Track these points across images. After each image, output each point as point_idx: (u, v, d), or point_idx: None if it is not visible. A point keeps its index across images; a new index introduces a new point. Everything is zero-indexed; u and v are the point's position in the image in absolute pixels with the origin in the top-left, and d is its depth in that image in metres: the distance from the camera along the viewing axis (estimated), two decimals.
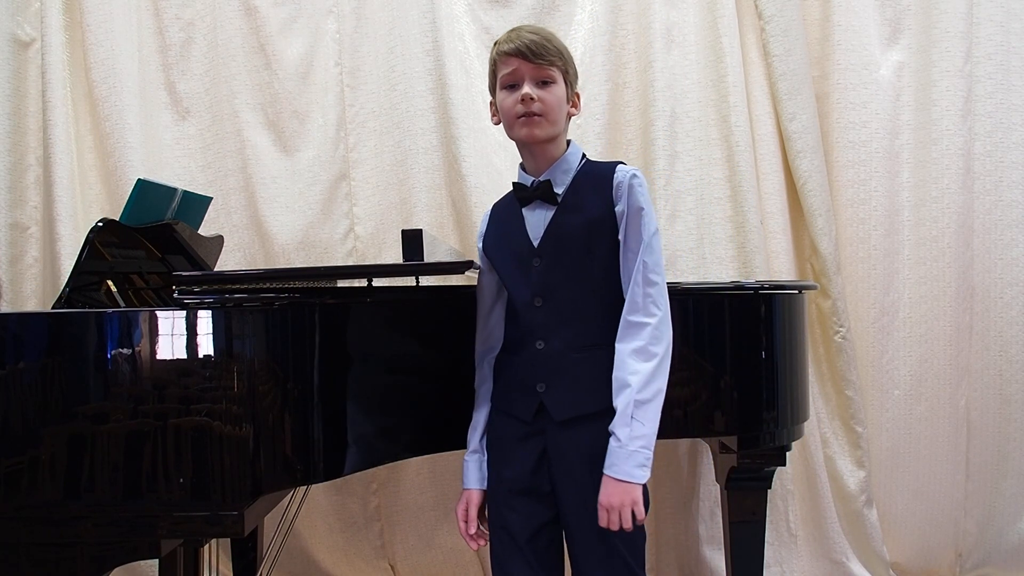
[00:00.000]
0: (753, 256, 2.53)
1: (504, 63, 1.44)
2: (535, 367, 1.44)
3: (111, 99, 2.52)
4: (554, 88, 1.43)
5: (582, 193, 1.45)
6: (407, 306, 1.63)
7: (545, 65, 1.41)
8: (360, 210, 2.64)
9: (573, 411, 1.42)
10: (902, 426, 2.63)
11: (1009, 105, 2.61)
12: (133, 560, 1.38)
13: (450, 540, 2.64)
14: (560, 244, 1.44)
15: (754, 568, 1.94)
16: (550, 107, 1.42)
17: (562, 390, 1.42)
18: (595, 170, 1.48)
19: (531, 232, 1.47)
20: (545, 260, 1.44)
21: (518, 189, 1.50)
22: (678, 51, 2.61)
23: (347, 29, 2.64)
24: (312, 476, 1.43)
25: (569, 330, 1.43)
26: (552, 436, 1.44)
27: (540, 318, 1.44)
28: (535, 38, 1.41)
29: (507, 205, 1.55)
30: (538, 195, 1.46)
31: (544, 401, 1.43)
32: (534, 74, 1.42)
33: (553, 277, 1.44)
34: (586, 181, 1.46)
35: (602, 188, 1.44)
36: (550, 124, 1.43)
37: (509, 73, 1.43)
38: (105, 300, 1.66)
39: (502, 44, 1.44)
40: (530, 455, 1.45)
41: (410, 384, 1.58)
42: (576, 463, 1.41)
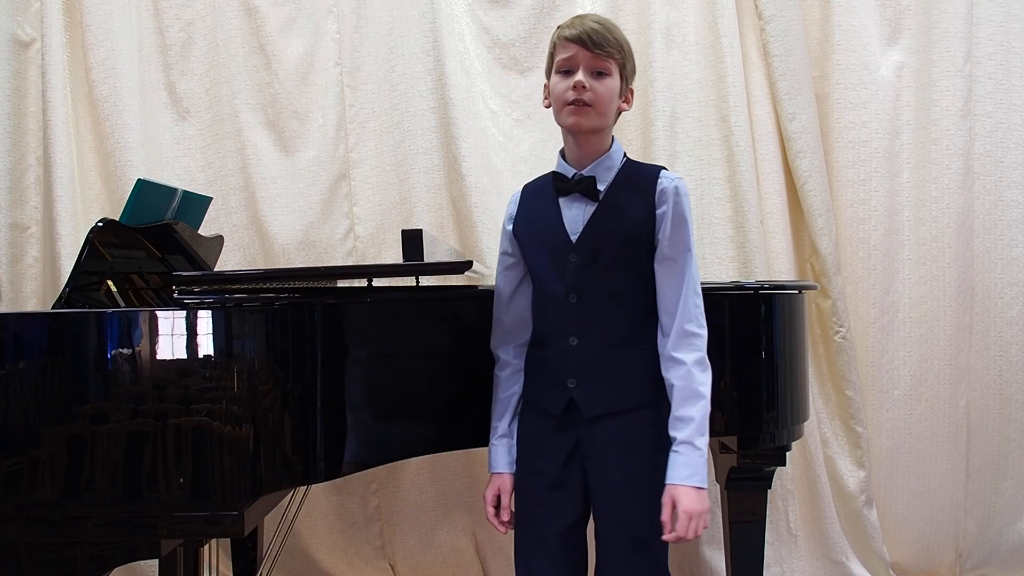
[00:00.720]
0: (753, 256, 2.53)
1: (563, 48, 1.42)
2: (567, 363, 1.44)
3: (111, 99, 2.52)
4: (608, 80, 1.41)
5: (624, 193, 1.44)
6: (407, 306, 1.63)
7: (603, 56, 1.40)
8: (360, 210, 2.64)
9: (603, 408, 1.42)
10: (902, 426, 2.63)
11: (1009, 105, 2.61)
12: (133, 560, 1.38)
13: (450, 540, 2.64)
14: (599, 242, 1.43)
15: (754, 568, 1.93)
16: (601, 98, 1.40)
17: (593, 386, 1.42)
18: (638, 171, 1.47)
19: (568, 226, 1.45)
20: (583, 256, 1.43)
21: (558, 179, 1.47)
22: (678, 51, 2.61)
23: (347, 29, 2.64)
24: (312, 476, 1.43)
25: (603, 328, 1.43)
26: (584, 429, 1.45)
27: (574, 314, 1.44)
28: (598, 27, 1.41)
29: (539, 191, 1.52)
30: (579, 189, 1.44)
31: (574, 397, 1.43)
32: (590, 63, 1.40)
33: (590, 274, 1.43)
34: (628, 181, 1.45)
35: (645, 191, 1.43)
36: (598, 116, 1.41)
37: (566, 59, 1.42)
38: (105, 300, 1.66)
39: (564, 29, 1.44)
40: (562, 448, 1.46)
41: (410, 384, 1.58)
42: (610, 455, 1.42)
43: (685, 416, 1.38)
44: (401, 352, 1.57)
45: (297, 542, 2.55)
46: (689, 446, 1.37)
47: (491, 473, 1.54)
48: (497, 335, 1.56)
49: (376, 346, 1.54)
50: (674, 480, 1.37)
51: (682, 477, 1.36)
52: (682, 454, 1.37)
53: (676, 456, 1.38)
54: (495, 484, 1.53)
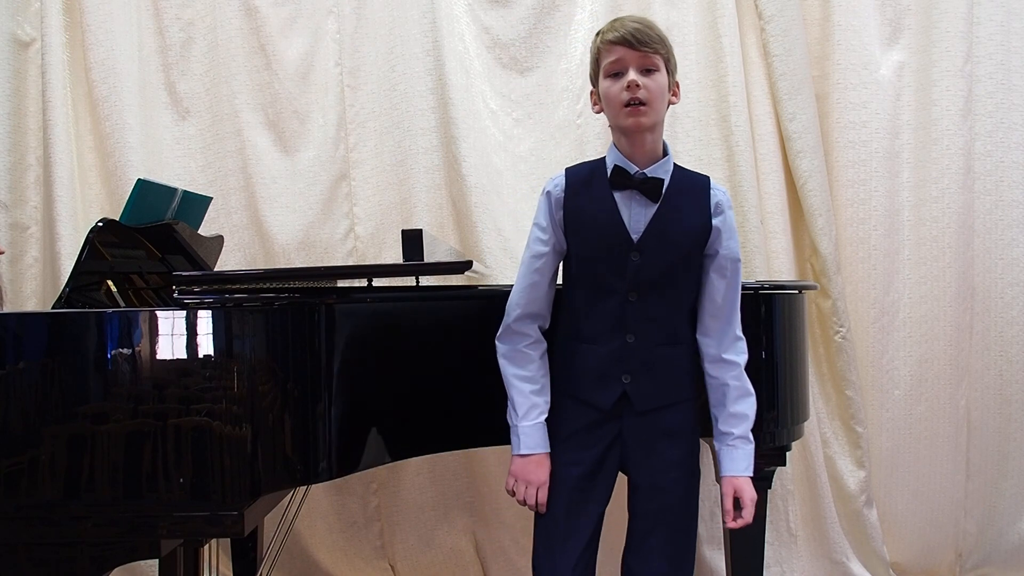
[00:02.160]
0: (753, 256, 2.53)
1: (608, 51, 1.44)
2: (623, 359, 1.46)
3: (111, 99, 2.53)
4: (657, 76, 1.43)
5: (680, 198, 1.47)
6: (407, 306, 1.63)
7: (650, 52, 1.42)
8: (360, 210, 2.64)
9: (654, 403, 1.48)
10: (902, 426, 2.63)
11: (1009, 105, 2.61)
12: (133, 560, 1.38)
13: (450, 540, 2.64)
14: (660, 244, 1.45)
15: (754, 568, 1.93)
16: (654, 95, 1.42)
17: (646, 382, 1.47)
18: (688, 178, 1.50)
19: (629, 223, 1.45)
20: (644, 257, 1.45)
21: (619, 173, 1.45)
22: (678, 51, 2.58)
23: (347, 29, 2.64)
24: (312, 476, 1.43)
25: (658, 327, 1.47)
26: (629, 422, 1.49)
27: (633, 312, 1.46)
28: (639, 26, 1.43)
29: (587, 179, 1.50)
30: (643, 188, 1.44)
31: (628, 391, 1.47)
32: (639, 62, 1.42)
33: (650, 274, 1.45)
34: (682, 187, 1.48)
35: (700, 199, 1.48)
36: (654, 112, 1.43)
37: (614, 61, 1.43)
38: (105, 300, 1.66)
39: (606, 33, 1.44)
40: (605, 438, 1.49)
41: (411, 383, 1.58)
42: (656, 440, 1.48)
43: (740, 413, 1.50)
44: (401, 352, 1.57)
45: (297, 542, 2.55)
46: (745, 440, 1.50)
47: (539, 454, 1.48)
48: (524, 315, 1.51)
49: (376, 346, 1.54)
50: (735, 472, 1.49)
51: (742, 469, 1.49)
52: (739, 448, 1.49)
53: (734, 450, 1.49)
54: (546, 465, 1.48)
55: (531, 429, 1.48)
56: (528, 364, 1.51)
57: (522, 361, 1.51)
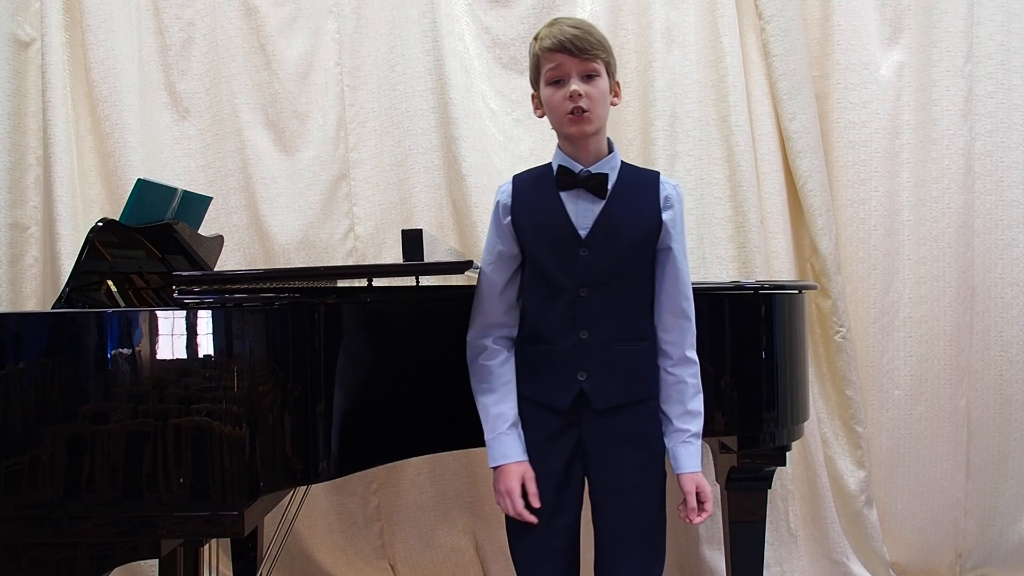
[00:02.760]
0: (753, 256, 2.53)
1: (548, 59, 1.43)
2: (578, 356, 1.46)
3: (111, 99, 2.52)
4: (599, 81, 1.44)
5: (629, 193, 1.48)
6: (407, 306, 1.63)
7: (589, 59, 1.42)
8: (360, 210, 2.64)
9: (613, 401, 1.46)
10: (902, 426, 2.63)
11: (1010, 105, 2.61)
12: (133, 560, 1.38)
13: (450, 540, 2.64)
14: (609, 238, 1.45)
15: (754, 568, 1.94)
16: (596, 101, 1.43)
17: (603, 379, 1.46)
18: (636, 174, 1.52)
19: (576, 220, 1.46)
20: (593, 252, 1.45)
21: (564, 173, 1.47)
22: (678, 51, 2.61)
23: (347, 29, 2.64)
24: (312, 476, 1.43)
25: (612, 322, 1.46)
26: (588, 424, 1.47)
27: (584, 308, 1.46)
28: (577, 32, 1.41)
29: (534, 182, 1.51)
30: (588, 185, 1.46)
31: (584, 389, 1.45)
32: (579, 68, 1.42)
33: (600, 269, 1.45)
34: (630, 182, 1.49)
35: (649, 194, 1.48)
36: (597, 118, 1.44)
37: (554, 68, 1.43)
38: (105, 300, 1.66)
39: (544, 40, 1.44)
40: (566, 448, 1.48)
41: (411, 383, 1.58)
42: (615, 447, 1.46)
43: (695, 410, 1.49)
44: (401, 352, 1.58)
45: (297, 542, 2.55)
46: (698, 437, 1.50)
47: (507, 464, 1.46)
48: (481, 326, 1.53)
49: (376, 346, 1.54)
50: (691, 468, 1.48)
51: (695, 465, 1.48)
52: (693, 445, 1.49)
53: (688, 447, 1.49)
54: (517, 473, 1.45)
55: (493, 442, 1.49)
56: (487, 376, 1.52)
57: (481, 375, 1.53)
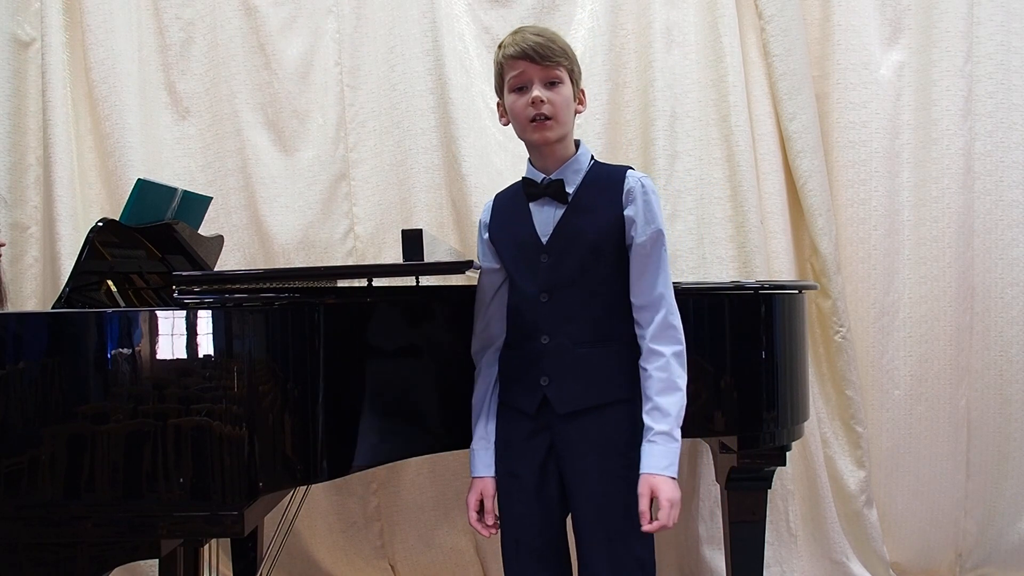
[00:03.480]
0: (753, 256, 2.53)
1: (511, 66, 1.45)
2: (539, 361, 1.46)
3: (111, 99, 2.52)
4: (561, 88, 1.45)
5: (592, 194, 1.48)
6: (407, 305, 1.63)
7: (552, 66, 1.43)
8: (360, 210, 2.64)
9: (576, 404, 1.45)
10: (902, 426, 2.63)
11: (1010, 105, 2.61)
12: (133, 560, 1.37)
13: (450, 540, 2.64)
14: (569, 243, 1.46)
15: (754, 568, 1.94)
16: (559, 108, 1.44)
17: (566, 384, 1.45)
18: (605, 172, 1.51)
19: (539, 228, 1.49)
20: (553, 257, 1.47)
21: (528, 185, 1.51)
22: (678, 51, 2.61)
23: (347, 29, 2.64)
24: (312, 476, 1.43)
25: (574, 326, 1.45)
26: (558, 429, 1.46)
27: (545, 313, 1.46)
28: (540, 40, 1.43)
29: (511, 197, 1.57)
30: (548, 192, 1.48)
31: (547, 395, 1.45)
32: (542, 76, 1.43)
33: (560, 274, 1.46)
34: (596, 183, 1.49)
35: (612, 191, 1.47)
36: (560, 125, 1.45)
37: (516, 76, 1.45)
38: (105, 300, 1.66)
39: (507, 47, 1.46)
40: (538, 450, 1.48)
41: (411, 383, 1.58)
42: (586, 453, 1.44)
43: (662, 406, 1.41)
44: (401, 352, 1.58)
45: (297, 542, 2.55)
46: (667, 436, 1.40)
47: (472, 477, 1.56)
48: (477, 342, 1.59)
49: (376, 346, 1.54)
50: (653, 469, 1.39)
51: (661, 466, 1.39)
52: (659, 444, 1.40)
53: (653, 446, 1.40)
54: (477, 489, 1.55)
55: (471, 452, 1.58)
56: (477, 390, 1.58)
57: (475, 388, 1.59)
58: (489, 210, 1.59)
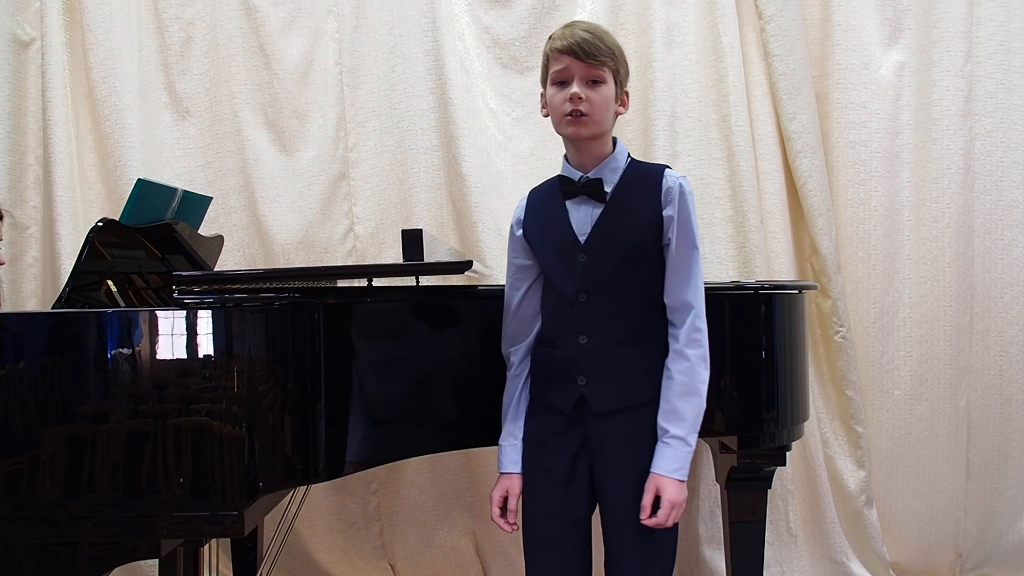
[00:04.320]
0: (753, 256, 2.53)
1: (556, 59, 1.43)
2: (577, 360, 1.46)
3: (111, 99, 2.52)
4: (603, 88, 1.43)
5: (630, 194, 1.47)
6: (407, 306, 1.63)
7: (596, 65, 1.41)
8: (360, 210, 2.64)
9: (613, 404, 1.45)
10: (902, 426, 2.63)
11: (1009, 105, 2.61)
12: (133, 560, 1.38)
13: (450, 540, 2.64)
14: (607, 242, 1.45)
15: (754, 568, 1.93)
16: (597, 107, 1.42)
17: (603, 383, 1.45)
18: (642, 171, 1.50)
19: (576, 227, 1.47)
20: (591, 257, 1.45)
21: (564, 183, 1.49)
22: (678, 51, 2.61)
23: (347, 29, 2.64)
24: (312, 476, 1.43)
25: (612, 325, 1.45)
26: (592, 426, 1.46)
27: (584, 313, 1.46)
28: (588, 36, 1.41)
29: (546, 194, 1.54)
30: (586, 191, 1.46)
31: (584, 393, 1.45)
32: (584, 73, 1.41)
33: (598, 274, 1.45)
34: (633, 181, 1.48)
35: (650, 190, 1.46)
36: (595, 124, 1.43)
37: (560, 70, 1.43)
38: (105, 300, 1.66)
39: (555, 40, 1.44)
40: (570, 445, 1.47)
41: (410, 383, 1.58)
42: (617, 449, 1.45)
43: (680, 411, 1.42)
44: (401, 352, 1.57)
45: (297, 542, 2.55)
46: (681, 441, 1.41)
47: (500, 473, 1.54)
48: (507, 338, 1.57)
49: (376, 346, 1.54)
50: (661, 471, 1.41)
51: (670, 469, 1.41)
52: (672, 447, 1.41)
53: (666, 448, 1.42)
54: (503, 485, 1.53)
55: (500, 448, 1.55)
56: (508, 387, 1.57)
57: (507, 385, 1.57)
58: (523, 207, 1.57)
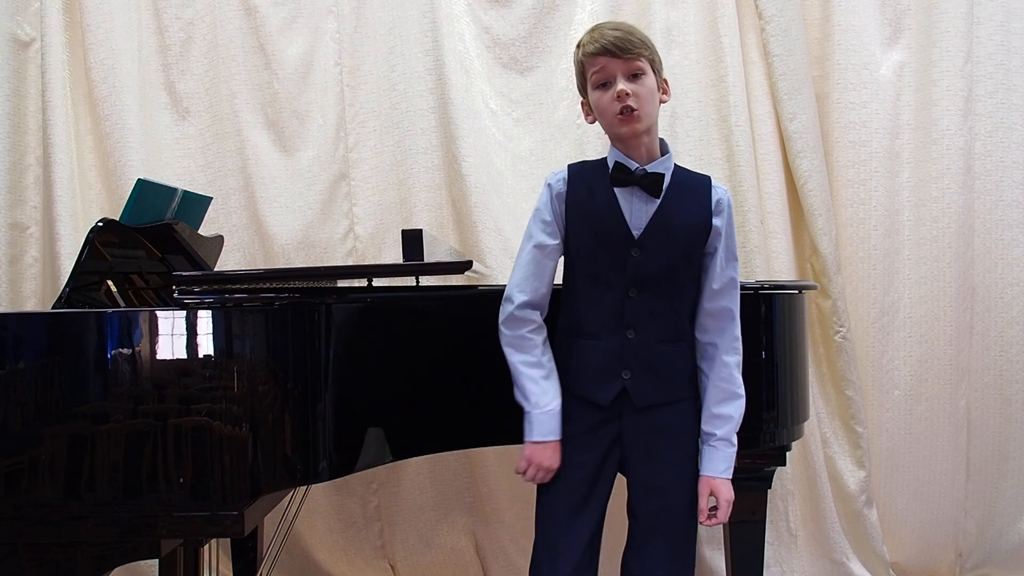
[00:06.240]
0: (753, 256, 2.53)
1: (592, 63, 1.44)
2: (623, 355, 1.46)
3: (111, 99, 2.52)
4: (645, 80, 1.43)
5: (682, 196, 1.48)
6: (407, 305, 1.63)
7: (633, 58, 1.42)
8: (360, 210, 2.64)
9: (653, 399, 1.47)
10: (902, 426, 2.63)
11: (1009, 105, 2.61)
12: (133, 560, 1.38)
13: (450, 540, 2.64)
14: (662, 240, 1.45)
15: (754, 568, 1.93)
16: (644, 100, 1.42)
17: (646, 379, 1.46)
18: (689, 177, 1.51)
19: (629, 219, 1.46)
20: (645, 253, 1.45)
21: (620, 169, 1.46)
22: (678, 51, 2.61)
23: (347, 29, 2.64)
24: (312, 476, 1.43)
25: (659, 323, 1.47)
26: (628, 419, 1.48)
27: (633, 308, 1.46)
28: (618, 33, 1.42)
29: (590, 176, 1.50)
30: (644, 183, 1.45)
31: (628, 387, 1.46)
32: (624, 69, 1.42)
33: (651, 270, 1.45)
34: (683, 185, 1.49)
35: (701, 197, 1.48)
36: (647, 116, 1.43)
37: (599, 71, 1.43)
38: (105, 300, 1.66)
39: (587, 46, 1.44)
40: (604, 440, 1.48)
41: (411, 383, 1.58)
42: (654, 441, 1.48)
43: (724, 414, 1.48)
44: (401, 352, 1.57)
45: (297, 542, 2.55)
46: (726, 443, 1.48)
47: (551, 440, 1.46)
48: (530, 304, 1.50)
49: (376, 346, 1.53)
50: (713, 473, 1.47)
51: (720, 470, 1.47)
52: (720, 450, 1.48)
53: (714, 451, 1.48)
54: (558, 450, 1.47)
55: (545, 416, 1.47)
56: (533, 350, 1.49)
57: (527, 347, 1.49)
58: (564, 180, 1.50)
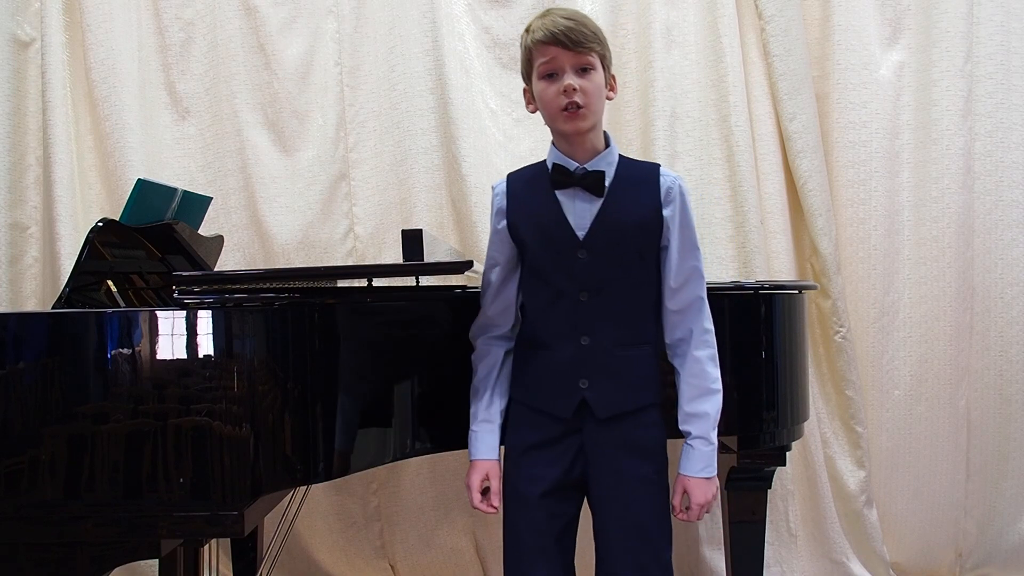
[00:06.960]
0: (753, 256, 2.53)
1: (540, 52, 1.36)
2: (579, 363, 1.40)
3: (111, 99, 2.52)
4: (594, 75, 1.36)
5: (627, 190, 1.40)
6: (407, 305, 1.63)
7: (584, 52, 1.34)
8: (360, 210, 2.64)
9: (616, 409, 1.41)
10: (902, 426, 2.63)
11: (1009, 105, 2.61)
12: (133, 560, 1.38)
13: (450, 540, 2.64)
14: (609, 239, 1.39)
15: (754, 568, 1.93)
16: (591, 96, 1.36)
17: (606, 387, 1.40)
18: (635, 168, 1.45)
19: (573, 221, 1.40)
20: (592, 254, 1.39)
21: (559, 172, 1.41)
22: (678, 51, 2.61)
23: (347, 29, 2.64)
24: (312, 476, 1.43)
25: (614, 326, 1.41)
26: (590, 432, 1.42)
27: (586, 313, 1.40)
28: (571, 23, 1.34)
29: (529, 183, 1.46)
30: (585, 183, 1.39)
31: (587, 397, 1.40)
32: (574, 62, 1.35)
33: (600, 272, 1.40)
34: (628, 178, 1.42)
35: (648, 189, 1.41)
36: (593, 114, 1.37)
37: (547, 62, 1.36)
38: (105, 300, 1.66)
39: (536, 32, 1.37)
40: (567, 453, 1.43)
41: (411, 383, 1.58)
42: (615, 455, 1.42)
43: (699, 412, 1.43)
44: (401, 352, 1.57)
45: (297, 542, 2.55)
46: (703, 441, 1.44)
47: (474, 460, 1.51)
48: (479, 324, 1.53)
49: (376, 346, 1.53)
50: (689, 472, 1.44)
51: (696, 470, 1.44)
52: (696, 448, 1.44)
53: (691, 451, 1.44)
54: (482, 470, 1.49)
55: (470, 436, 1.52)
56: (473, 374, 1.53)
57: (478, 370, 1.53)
58: (503, 194, 1.47)
